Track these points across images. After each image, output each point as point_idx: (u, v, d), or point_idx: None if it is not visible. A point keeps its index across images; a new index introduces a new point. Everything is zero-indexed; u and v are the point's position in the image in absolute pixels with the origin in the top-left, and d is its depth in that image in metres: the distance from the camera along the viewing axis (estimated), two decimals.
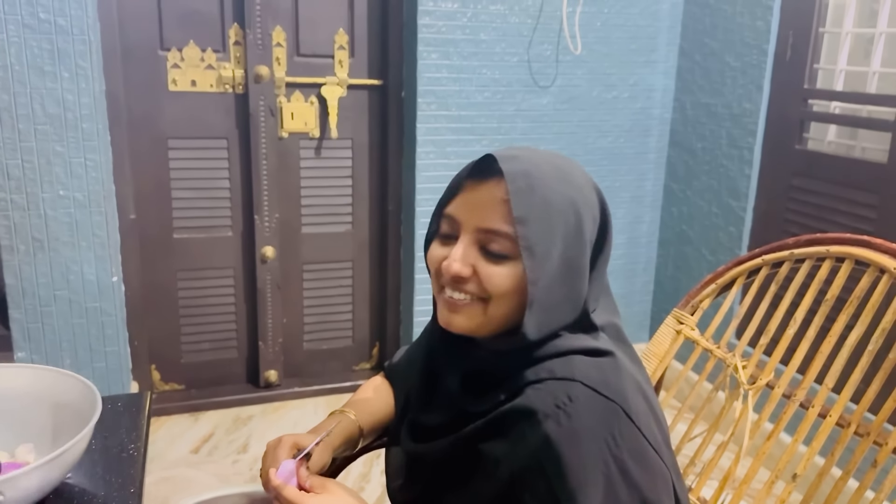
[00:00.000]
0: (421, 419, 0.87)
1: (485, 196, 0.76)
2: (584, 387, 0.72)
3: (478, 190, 0.77)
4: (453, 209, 0.79)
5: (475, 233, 0.77)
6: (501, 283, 0.75)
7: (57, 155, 1.96)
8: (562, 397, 0.71)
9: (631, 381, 0.77)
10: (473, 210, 0.77)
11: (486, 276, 0.76)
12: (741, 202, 2.34)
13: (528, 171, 0.75)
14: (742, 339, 1.19)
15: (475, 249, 0.77)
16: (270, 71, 2.27)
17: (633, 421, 0.72)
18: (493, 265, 0.76)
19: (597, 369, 0.75)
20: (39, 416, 1.00)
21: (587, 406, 0.71)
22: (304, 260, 2.51)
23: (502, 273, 0.75)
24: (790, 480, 1.02)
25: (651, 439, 0.73)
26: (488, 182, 0.76)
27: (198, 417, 2.39)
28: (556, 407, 0.71)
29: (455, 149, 2.37)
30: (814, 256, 1.12)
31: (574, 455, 0.69)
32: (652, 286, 2.81)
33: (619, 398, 0.73)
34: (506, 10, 2.32)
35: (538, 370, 0.75)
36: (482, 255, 0.76)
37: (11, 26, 1.85)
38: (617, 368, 0.76)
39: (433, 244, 0.82)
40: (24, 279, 2.00)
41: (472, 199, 0.77)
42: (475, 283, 0.76)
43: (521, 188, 0.73)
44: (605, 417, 0.71)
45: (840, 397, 1.01)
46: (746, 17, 2.28)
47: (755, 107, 2.27)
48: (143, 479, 0.98)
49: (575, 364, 0.75)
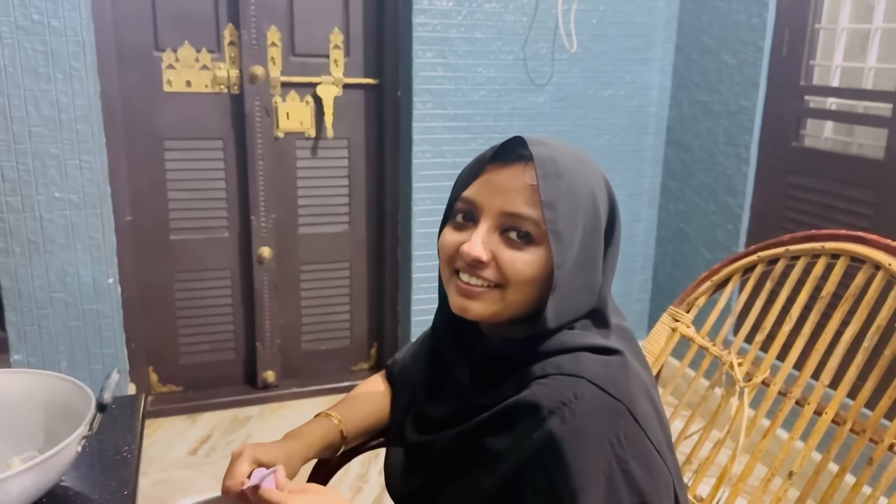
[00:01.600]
0: (428, 411, 0.87)
1: (510, 179, 0.75)
2: (590, 385, 0.71)
3: (501, 173, 0.76)
4: (473, 193, 0.78)
5: (498, 217, 0.76)
6: (523, 269, 0.75)
7: (52, 157, 1.95)
8: (567, 394, 0.71)
9: (638, 382, 0.76)
10: (496, 194, 0.76)
11: (508, 261, 0.75)
12: (738, 200, 2.34)
13: (554, 157, 0.75)
14: (738, 337, 1.19)
15: (496, 234, 0.76)
16: (266, 71, 2.27)
17: (638, 422, 0.71)
18: (514, 250, 0.75)
19: (604, 368, 0.74)
20: (34, 420, 1.00)
21: (593, 404, 0.70)
22: (301, 260, 2.50)
23: (524, 259, 0.75)
24: (787, 478, 1.01)
25: (655, 442, 0.73)
26: (514, 166, 0.76)
27: (196, 419, 2.39)
28: (562, 403, 0.70)
29: (451, 147, 2.37)
30: (809, 253, 1.12)
31: (577, 454, 0.68)
32: (650, 284, 2.80)
33: (626, 398, 0.72)
34: (501, 9, 2.31)
35: (545, 366, 0.75)
36: (502, 241, 0.76)
37: (5, 28, 1.85)
38: (625, 368, 0.76)
39: (446, 229, 0.81)
40: (19, 281, 2.00)
41: (496, 183, 0.76)
42: (493, 269, 0.76)
43: (549, 173, 0.74)
44: (611, 417, 0.70)
45: (836, 394, 1.01)
46: (742, 14, 2.28)
47: (751, 104, 2.26)
48: (138, 482, 0.97)
49: (583, 361, 0.74)
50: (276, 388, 2.53)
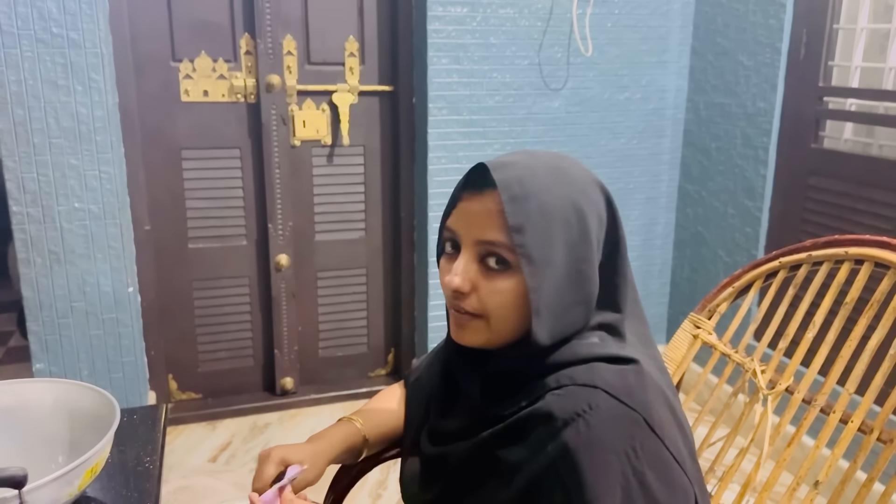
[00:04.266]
0: (441, 424, 0.87)
1: (480, 207, 0.75)
2: (605, 395, 0.70)
3: (473, 202, 0.76)
4: (453, 223, 0.78)
5: (475, 246, 0.76)
6: (501, 300, 0.75)
7: (72, 168, 1.97)
8: (582, 404, 0.70)
9: (655, 391, 0.75)
10: (471, 223, 0.76)
11: (486, 291, 0.75)
12: (757, 202, 2.32)
13: (522, 177, 0.73)
14: (760, 343, 1.18)
15: (475, 264, 0.76)
16: (282, 79, 2.28)
17: (655, 432, 0.70)
18: (493, 280, 0.75)
19: (620, 377, 0.73)
20: (59, 430, 1.00)
21: (608, 415, 0.69)
22: (318, 267, 2.51)
23: (502, 288, 0.75)
24: (813, 486, 1.00)
25: (674, 451, 0.72)
26: (483, 193, 0.75)
27: (215, 426, 2.40)
28: (576, 414, 0.69)
29: (467, 153, 2.36)
30: (832, 258, 1.10)
31: (593, 465, 0.67)
32: (668, 288, 2.78)
33: (642, 408, 0.71)
34: (515, 14, 2.31)
35: (559, 376, 0.74)
36: (482, 270, 0.76)
37: (25, 41, 1.87)
38: (641, 377, 0.74)
39: (442, 260, 0.82)
40: (41, 291, 2.02)
41: (469, 212, 0.76)
42: (475, 299, 0.76)
43: (515, 195, 0.72)
44: (627, 427, 0.69)
45: (861, 402, 1.00)
46: (759, 16, 2.26)
47: (770, 106, 2.24)
48: (160, 493, 0.98)
49: (597, 371, 0.73)
50: (294, 394, 2.53)
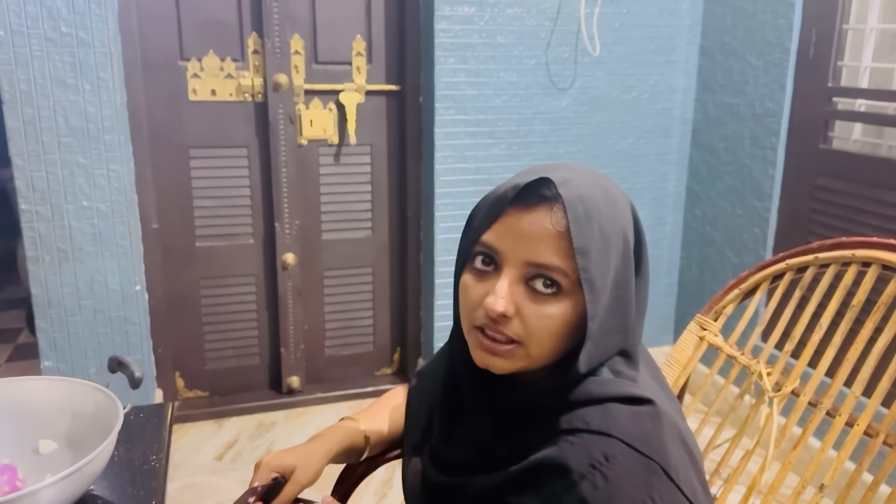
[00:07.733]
0: (444, 451, 0.83)
1: (534, 226, 0.68)
2: (621, 444, 0.68)
3: (524, 219, 0.69)
4: (494, 239, 0.70)
5: (523, 267, 0.69)
6: (548, 326, 0.70)
7: (80, 166, 1.98)
8: (598, 456, 0.67)
9: (671, 431, 0.72)
10: (520, 242, 0.69)
11: (533, 317, 0.69)
12: (765, 203, 2.31)
13: (583, 196, 0.69)
14: (767, 345, 1.17)
15: (520, 285, 0.70)
16: (289, 79, 2.28)
17: (672, 480, 0.68)
18: (541, 304, 0.70)
19: (635, 422, 0.70)
20: (62, 428, 1.01)
21: (625, 466, 0.67)
22: (324, 266, 2.51)
23: (550, 313, 0.69)
24: (819, 489, 1.00)
25: (690, 494, 0.69)
26: (538, 209, 0.69)
27: (222, 424, 2.41)
28: (592, 467, 0.67)
29: (473, 153, 2.36)
30: (839, 261, 1.09)
31: None
32: (675, 289, 2.77)
33: (659, 456, 0.68)
34: (523, 13, 2.31)
35: (572, 419, 0.70)
36: (527, 292, 0.70)
37: (34, 41, 1.88)
38: (657, 418, 0.71)
39: (467, 275, 0.74)
40: (49, 289, 2.03)
41: (519, 230, 0.69)
42: (518, 323, 0.70)
43: (579, 216, 0.67)
44: (645, 479, 0.67)
45: (868, 405, 0.99)
46: (768, 15, 2.25)
47: (778, 106, 2.23)
48: (165, 491, 0.98)
49: (612, 415, 0.70)
50: (300, 393, 2.54)
